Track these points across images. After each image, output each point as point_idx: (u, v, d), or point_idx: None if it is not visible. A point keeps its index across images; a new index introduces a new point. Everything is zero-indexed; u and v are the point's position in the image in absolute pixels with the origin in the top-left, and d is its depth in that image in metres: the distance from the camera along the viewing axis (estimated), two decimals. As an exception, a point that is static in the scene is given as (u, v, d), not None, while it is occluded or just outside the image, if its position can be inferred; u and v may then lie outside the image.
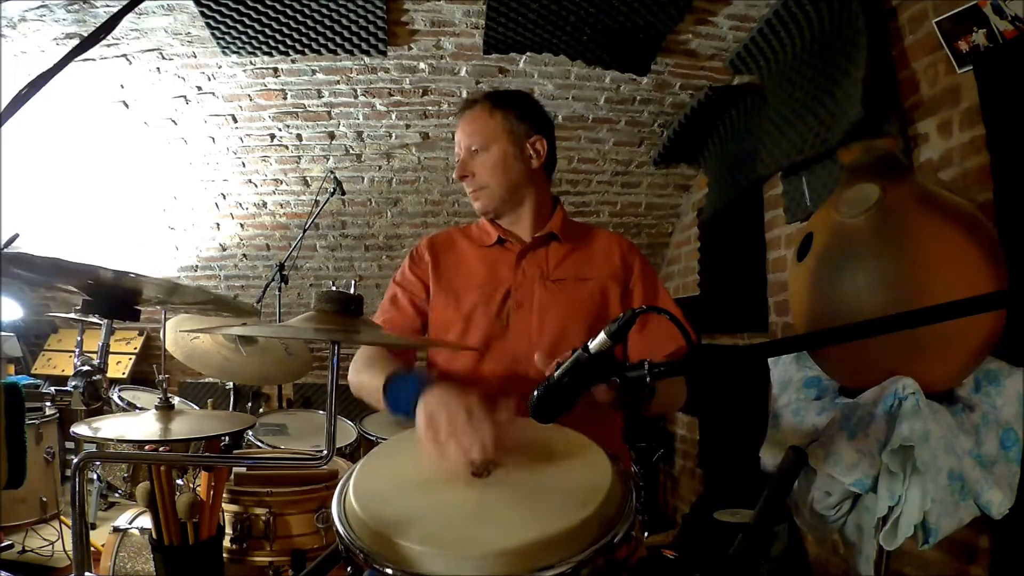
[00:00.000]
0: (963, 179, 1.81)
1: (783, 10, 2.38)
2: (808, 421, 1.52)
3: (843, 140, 2.13)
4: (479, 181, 1.37)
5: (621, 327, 0.81)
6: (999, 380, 1.42)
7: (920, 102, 1.99)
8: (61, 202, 3.70)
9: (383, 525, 0.78)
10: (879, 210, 1.38)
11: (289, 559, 1.78)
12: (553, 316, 1.32)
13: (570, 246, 1.40)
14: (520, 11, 2.52)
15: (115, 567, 1.93)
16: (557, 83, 2.98)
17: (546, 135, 1.41)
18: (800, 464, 0.93)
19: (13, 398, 1.37)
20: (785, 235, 2.77)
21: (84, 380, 1.61)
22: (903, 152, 1.98)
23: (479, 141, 1.36)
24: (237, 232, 3.92)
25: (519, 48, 2.75)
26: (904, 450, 1.28)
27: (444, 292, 1.39)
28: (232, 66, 2.88)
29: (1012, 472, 1.35)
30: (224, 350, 2.45)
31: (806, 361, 1.67)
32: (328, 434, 1.06)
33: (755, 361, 2.17)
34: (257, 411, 3.66)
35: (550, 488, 0.85)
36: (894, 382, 1.33)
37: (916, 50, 1.99)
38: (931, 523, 1.30)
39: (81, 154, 3.38)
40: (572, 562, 0.72)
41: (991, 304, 0.87)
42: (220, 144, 3.35)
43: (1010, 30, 1.66)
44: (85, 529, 1.34)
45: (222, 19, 2.57)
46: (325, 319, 1.04)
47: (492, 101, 1.38)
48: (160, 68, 2.86)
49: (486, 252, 1.41)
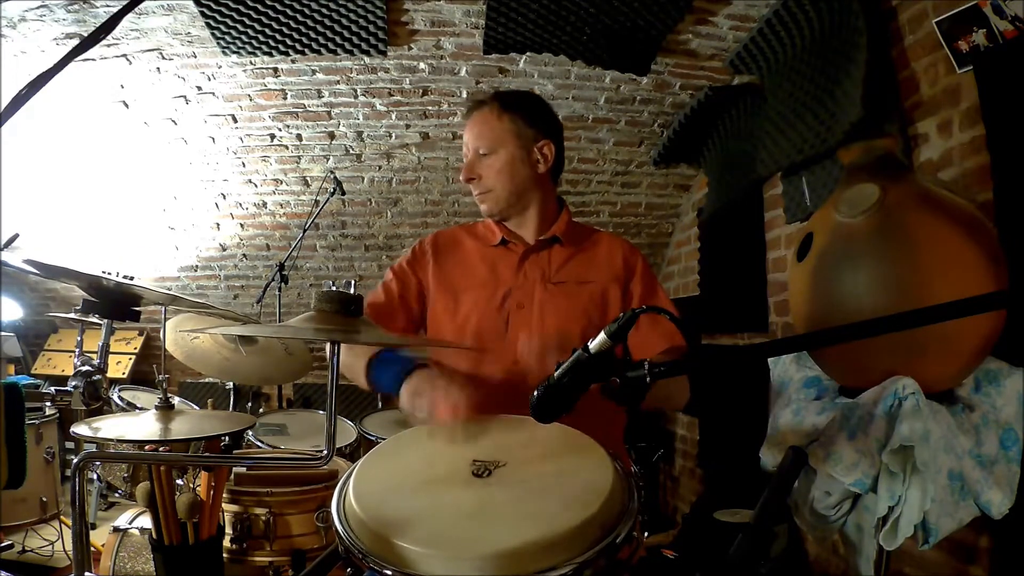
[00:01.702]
0: (963, 179, 1.81)
1: (783, 10, 2.38)
2: (808, 421, 1.52)
3: (843, 140, 2.13)
4: (485, 184, 1.37)
5: (621, 327, 0.81)
6: (999, 380, 1.42)
7: (920, 102, 1.99)
8: (61, 202, 3.70)
9: (382, 525, 0.78)
10: (879, 210, 1.38)
11: (289, 559, 1.78)
12: (553, 318, 1.32)
13: (573, 249, 1.41)
14: (520, 11, 2.51)
15: (115, 567, 1.93)
16: (557, 83, 2.98)
17: (554, 139, 1.41)
18: (800, 464, 0.93)
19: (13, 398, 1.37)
20: (785, 235, 2.77)
21: (84, 380, 1.61)
22: (903, 152, 1.98)
23: (486, 144, 1.36)
24: (237, 232, 3.92)
25: (519, 48, 2.75)
26: (904, 450, 1.28)
27: (444, 291, 1.39)
28: (232, 66, 2.88)
29: (1012, 472, 1.35)
30: (224, 350, 2.45)
31: (806, 361, 1.67)
32: (328, 434, 1.06)
33: (755, 361, 2.17)
34: (257, 411, 3.67)
35: (551, 488, 0.85)
36: (894, 382, 1.33)
37: (916, 50, 1.99)
38: (931, 523, 1.30)
39: (81, 154, 3.38)
40: (574, 563, 0.72)
41: (991, 304, 0.87)
42: (220, 144, 3.35)
43: (1010, 30, 1.66)
44: (85, 529, 1.34)
45: (222, 19, 2.57)
46: (325, 319, 1.04)
47: (501, 103, 1.38)
48: (160, 68, 2.86)
49: (489, 252, 1.42)
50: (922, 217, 1.37)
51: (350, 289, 1.09)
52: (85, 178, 3.55)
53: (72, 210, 3.75)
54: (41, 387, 3.08)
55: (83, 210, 3.75)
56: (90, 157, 3.40)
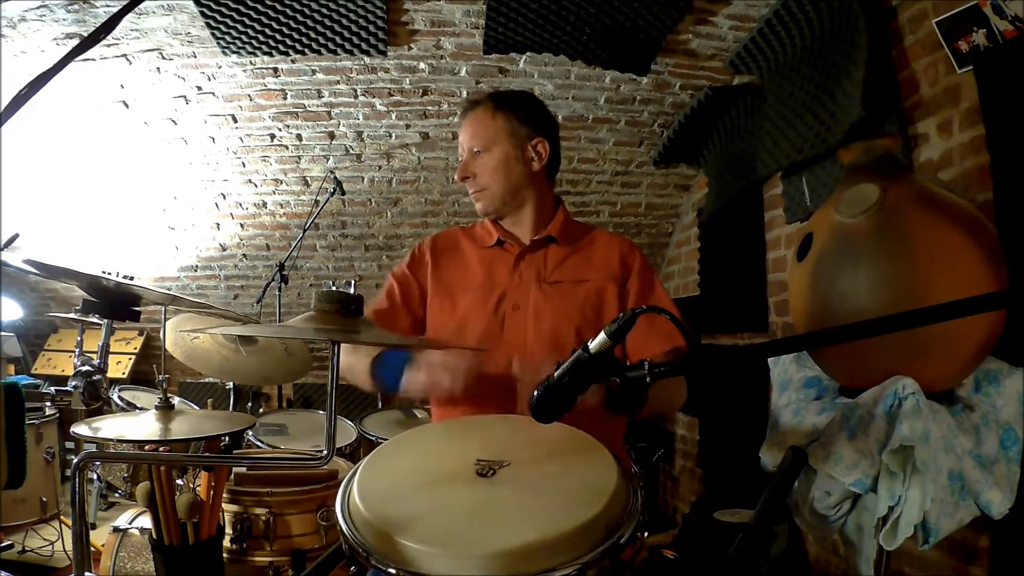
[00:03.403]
0: (963, 179, 1.81)
1: (783, 10, 2.38)
2: (808, 421, 1.52)
3: (843, 140, 2.13)
4: (480, 182, 1.37)
5: (621, 327, 0.81)
6: (999, 380, 1.42)
7: (920, 102, 1.99)
8: (61, 202, 3.70)
9: (386, 524, 0.78)
10: (879, 210, 1.38)
11: (289, 559, 1.78)
12: (549, 318, 1.32)
13: (569, 248, 1.40)
14: (520, 11, 2.51)
15: (115, 567, 1.93)
16: (557, 83, 2.98)
17: (549, 137, 1.41)
18: (800, 464, 0.93)
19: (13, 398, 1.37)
20: (785, 235, 2.77)
21: (84, 380, 1.61)
22: (903, 152, 1.98)
23: (480, 143, 1.37)
24: (237, 232, 3.92)
25: (519, 48, 2.75)
26: (904, 450, 1.28)
27: (441, 294, 1.39)
28: (232, 66, 2.88)
29: (1012, 472, 1.35)
30: (224, 350, 2.45)
31: (806, 361, 1.67)
32: (328, 434, 1.06)
33: (755, 361, 2.17)
34: (257, 411, 3.66)
35: (555, 488, 0.85)
36: (894, 382, 1.33)
37: (916, 50, 1.99)
38: (931, 523, 1.30)
39: (81, 154, 3.38)
40: (578, 563, 0.72)
41: (991, 304, 0.87)
42: (220, 144, 3.35)
43: (1010, 30, 1.66)
44: (85, 529, 1.34)
45: (222, 19, 2.56)
46: (325, 319, 1.04)
47: (495, 102, 1.39)
48: (160, 68, 2.86)
49: (485, 253, 1.42)
50: (922, 217, 1.37)
51: (350, 289, 1.09)
52: (85, 178, 3.55)
53: (72, 210, 3.74)
54: (41, 387, 3.08)
55: (83, 210, 3.75)
56: (90, 157, 3.40)
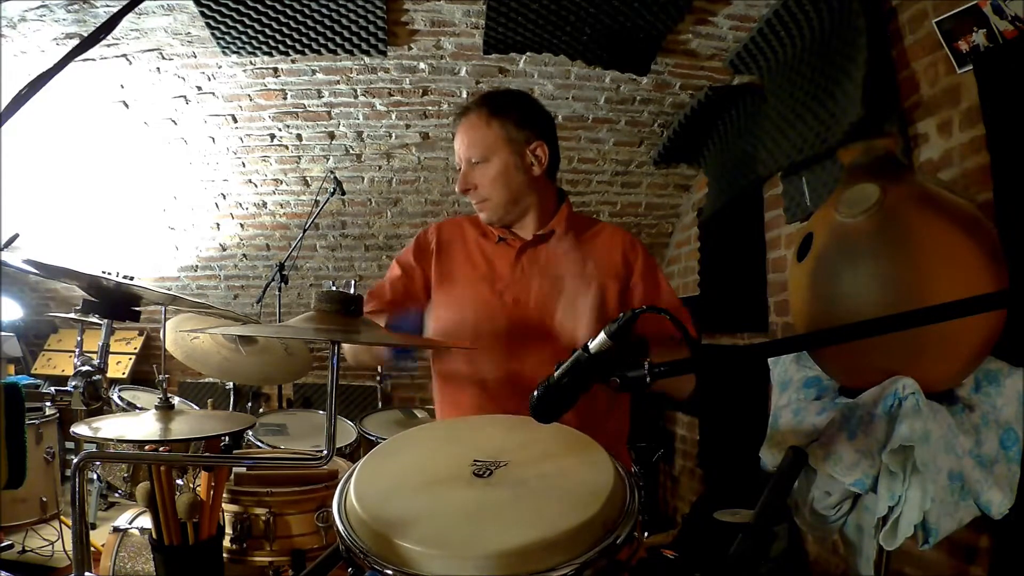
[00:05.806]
0: (963, 179, 1.81)
1: (783, 10, 2.38)
2: (808, 421, 1.52)
3: (843, 140, 2.13)
4: (482, 193, 1.36)
5: (621, 327, 0.81)
6: (999, 380, 1.42)
7: (920, 102, 1.99)
8: (61, 202, 3.70)
9: (384, 525, 0.78)
10: (879, 210, 1.38)
11: (289, 559, 1.78)
12: (550, 312, 1.31)
13: (571, 243, 1.40)
14: (520, 11, 2.51)
15: (115, 567, 1.93)
16: (557, 83, 2.98)
17: (547, 138, 1.38)
18: (800, 464, 0.93)
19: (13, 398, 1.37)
20: (785, 235, 2.77)
21: (84, 380, 1.61)
22: (903, 152, 1.98)
23: (478, 153, 1.34)
24: (237, 232, 3.92)
25: (519, 48, 2.75)
26: (904, 450, 1.28)
27: (444, 285, 1.39)
28: (232, 66, 2.88)
29: (1012, 472, 1.35)
30: (224, 350, 2.45)
31: (806, 361, 1.67)
32: (328, 434, 1.06)
33: (755, 361, 2.17)
34: (257, 411, 3.67)
35: (552, 488, 0.85)
36: (894, 382, 1.33)
37: (916, 50, 1.99)
38: (931, 523, 1.29)
39: (81, 154, 3.38)
40: (575, 563, 0.72)
41: (991, 304, 0.87)
42: (220, 144, 3.35)
43: (1010, 30, 1.66)
44: (85, 529, 1.34)
45: (222, 19, 2.56)
46: (325, 319, 1.05)
47: (489, 108, 1.35)
48: (160, 68, 2.86)
49: (489, 246, 1.41)
50: (922, 217, 1.37)
51: (350, 289, 1.09)
52: (85, 178, 3.55)
53: (72, 210, 3.75)
54: (41, 387, 3.07)
55: (83, 210, 3.75)
56: (90, 157, 3.40)
